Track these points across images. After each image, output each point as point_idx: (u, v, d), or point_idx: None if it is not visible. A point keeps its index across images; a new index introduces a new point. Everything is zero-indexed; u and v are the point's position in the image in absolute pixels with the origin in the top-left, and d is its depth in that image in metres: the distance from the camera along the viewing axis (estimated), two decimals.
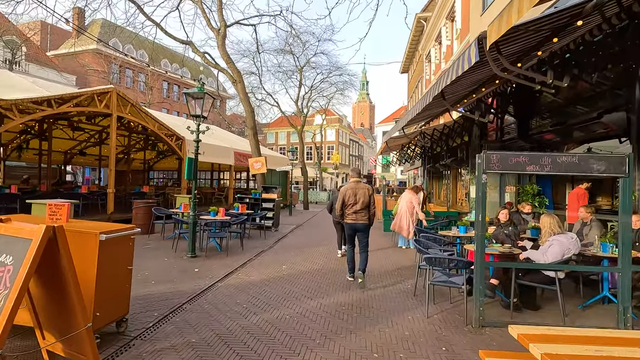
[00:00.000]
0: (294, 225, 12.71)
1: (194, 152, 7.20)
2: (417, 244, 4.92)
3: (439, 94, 5.32)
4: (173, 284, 5.10)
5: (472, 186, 11.13)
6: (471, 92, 7.39)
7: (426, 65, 19.96)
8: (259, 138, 48.41)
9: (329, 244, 9.04)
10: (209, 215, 7.85)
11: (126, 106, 10.79)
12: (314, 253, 7.86)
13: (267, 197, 11.25)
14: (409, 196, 8.53)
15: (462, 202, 13.89)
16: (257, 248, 8.15)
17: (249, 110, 11.82)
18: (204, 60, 12.26)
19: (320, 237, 10.35)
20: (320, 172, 32.65)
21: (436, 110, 8.93)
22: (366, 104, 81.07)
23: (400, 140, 12.28)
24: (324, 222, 14.50)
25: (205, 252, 7.25)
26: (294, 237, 10.30)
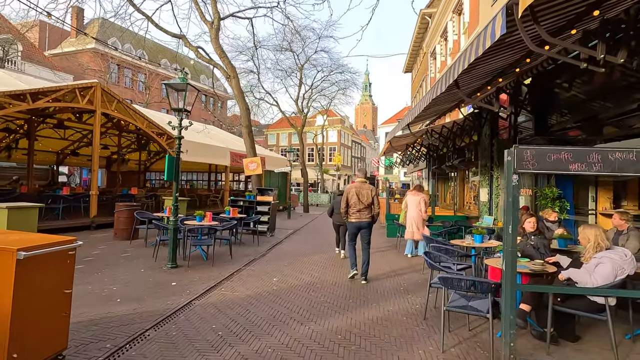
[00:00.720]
0: (291, 230, 11.97)
1: (178, 150, 6.49)
2: (427, 257, 4.16)
3: (452, 83, 4.57)
4: (141, 302, 4.37)
5: (482, 189, 10.37)
6: (486, 83, 6.64)
7: (431, 62, 19.21)
8: (259, 139, 47.68)
9: (327, 251, 8.29)
10: (195, 221, 7.12)
11: (112, 102, 10.12)
12: (310, 262, 7.11)
13: (263, 199, 10.52)
14: (416, 198, 7.75)
15: (469, 206, 13.10)
16: (248, 256, 7.41)
17: (244, 107, 11.12)
18: (197, 55, 11.58)
19: (319, 243, 9.59)
20: (322, 173, 31.90)
21: (445, 105, 8.18)
22: (369, 105, 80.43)
23: (405, 139, 11.52)
24: (324, 226, 13.74)
25: (189, 261, 6.51)
26: (290, 243, 9.55)
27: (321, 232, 12.04)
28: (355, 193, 5.54)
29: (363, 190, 5.55)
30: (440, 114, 9.59)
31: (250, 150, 11.18)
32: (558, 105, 7.10)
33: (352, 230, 5.76)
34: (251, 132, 11.25)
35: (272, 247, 8.65)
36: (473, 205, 12.86)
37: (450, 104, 8.09)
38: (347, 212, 5.62)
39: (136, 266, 6.10)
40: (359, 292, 5.17)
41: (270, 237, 10.18)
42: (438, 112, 9.13)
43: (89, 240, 8.21)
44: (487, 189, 10.21)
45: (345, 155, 47.57)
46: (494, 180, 9.24)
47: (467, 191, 13.74)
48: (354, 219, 5.60)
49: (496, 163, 9.20)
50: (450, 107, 8.44)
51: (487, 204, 10.15)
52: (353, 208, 5.57)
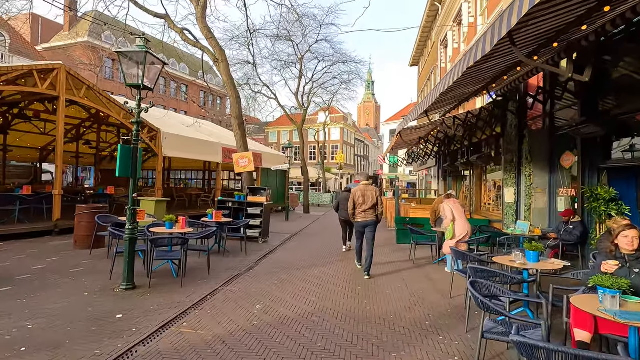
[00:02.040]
0: (288, 235, 10.60)
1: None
2: (474, 287, 2.78)
3: (506, 36, 3.19)
4: (55, 353, 3.02)
5: (508, 188, 8.95)
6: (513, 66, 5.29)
7: (441, 52, 17.78)
8: (259, 137, 46.59)
9: (329, 262, 6.91)
10: (164, 228, 5.77)
11: (80, 88, 8.78)
12: (307, 279, 5.73)
13: (254, 200, 9.16)
14: (462, 209, 6.41)
15: (489, 207, 11.69)
16: (231, 271, 6.05)
17: (234, 95, 9.77)
18: (182, 37, 10.23)
19: (319, 251, 8.21)
20: (324, 172, 30.52)
21: (470, 88, 6.77)
22: (372, 104, 79.08)
23: (417, 132, 10.12)
24: (325, 229, 12.36)
25: (151, 279, 5.14)
26: (285, 251, 8.18)
27: (322, 236, 10.65)
28: (361, 195, 6.01)
29: (367, 192, 6.02)
30: (461, 101, 8.17)
31: (241, 144, 9.82)
32: (616, 85, 5.69)
33: (358, 228, 6.22)
34: (242, 124, 9.90)
35: (262, 257, 7.29)
36: (493, 206, 11.46)
37: (477, 85, 6.68)
38: (354, 212, 6.08)
39: (82, 287, 4.75)
40: (370, 327, 3.80)
41: (263, 244, 8.82)
42: (459, 97, 7.72)
43: (42, 250, 6.88)
44: (513, 188, 8.80)
45: (348, 154, 46.16)
46: (525, 178, 7.83)
47: (484, 191, 12.33)
48: (360, 219, 6.04)
49: (527, 158, 7.79)
50: (476, 89, 7.03)
51: (513, 206, 8.74)
52: (359, 209, 6.03)
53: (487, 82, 6.55)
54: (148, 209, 8.37)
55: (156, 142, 10.92)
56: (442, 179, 18.03)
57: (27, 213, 8.53)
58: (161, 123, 11.89)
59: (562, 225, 6.49)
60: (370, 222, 5.97)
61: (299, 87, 19.30)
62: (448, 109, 8.54)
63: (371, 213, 5.97)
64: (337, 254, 7.90)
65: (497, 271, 3.41)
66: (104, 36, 33.11)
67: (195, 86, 41.33)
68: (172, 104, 38.69)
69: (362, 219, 5.99)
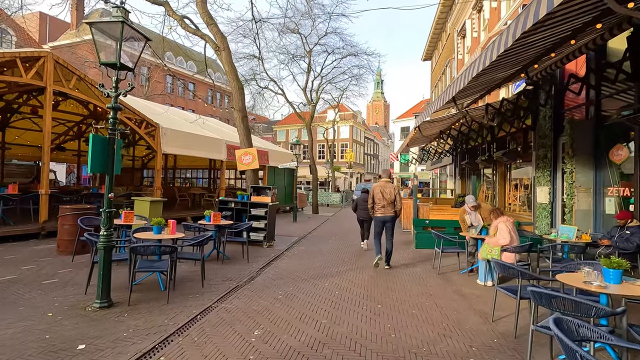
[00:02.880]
0: (296, 238, 9.77)
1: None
2: (559, 328, 1.90)
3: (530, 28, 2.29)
4: None
5: (541, 187, 7.99)
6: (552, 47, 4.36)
7: (458, 42, 16.75)
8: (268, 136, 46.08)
9: (342, 271, 6.05)
10: (152, 233, 4.99)
11: (69, 79, 8.10)
12: (316, 294, 4.89)
13: (258, 200, 8.36)
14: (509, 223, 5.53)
15: (514, 208, 10.69)
16: (229, 282, 5.25)
17: (237, 86, 8.98)
18: (182, 25, 9.48)
19: (331, 257, 7.36)
20: (333, 171, 29.65)
21: (503, 71, 5.84)
22: (380, 103, 78.01)
23: (439, 125, 9.18)
24: (336, 231, 11.51)
25: (132, 294, 4.37)
26: (291, 258, 7.36)
27: (333, 240, 9.80)
28: (380, 191, 6.28)
29: (387, 189, 6.29)
30: (491, 88, 7.22)
31: (245, 140, 9.03)
32: None
33: (377, 224, 6.42)
34: (246, 117, 9.11)
35: (266, 265, 6.47)
36: (520, 207, 10.46)
37: (513, 67, 5.74)
38: (373, 207, 6.37)
39: (48, 305, 3.99)
40: None
41: (267, 249, 8.02)
42: (489, 83, 6.78)
43: (22, 256, 6.18)
44: (547, 187, 7.82)
45: (357, 152, 45.19)
46: (566, 175, 6.85)
47: (508, 190, 11.32)
48: (379, 214, 6.32)
49: (568, 153, 6.81)
50: (511, 73, 6.08)
51: (548, 207, 7.77)
52: (378, 204, 6.30)
53: (526, 63, 5.62)
54: (142, 210, 7.65)
55: (155, 138, 10.22)
56: (458, 177, 17.01)
57: (13, 214, 7.88)
58: (162, 119, 11.20)
59: (616, 231, 5.52)
60: (389, 217, 6.30)
61: (307, 82, 18.49)
62: (473, 99, 7.60)
63: (390, 209, 6.28)
64: (350, 262, 7.05)
65: (576, 299, 2.51)
66: None
67: (203, 85, 40.86)
68: (180, 102, 38.29)
69: (382, 214, 6.30)
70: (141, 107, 11.52)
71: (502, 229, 5.22)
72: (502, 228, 5.21)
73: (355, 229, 12.08)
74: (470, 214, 6.17)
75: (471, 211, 6.15)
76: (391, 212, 6.27)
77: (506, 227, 5.23)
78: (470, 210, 6.18)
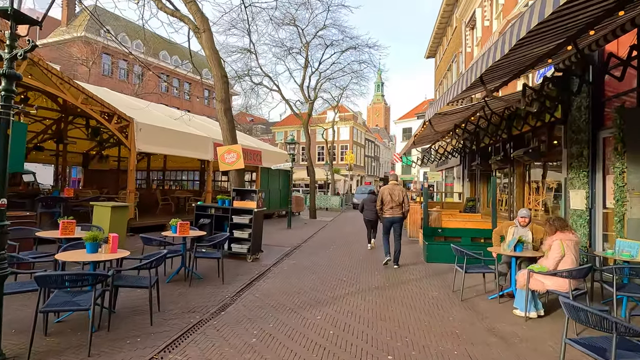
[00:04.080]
0: (288, 248, 8.52)
1: None
2: None
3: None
4: None
5: (575, 191, 6.77)
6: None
7: (467, 34, 15.56)
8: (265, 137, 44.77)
9: (341, 297, 4.77)
10: (84, 252, 3.73)
11: (19, 64, 6.85)
12: (304, 334, 3.63)
13: (242, 206, 7.11)
14: None
15: (536, 214, 9.41)
16: (190, 315, 4.00)
17: (220, 74, 7.77)
18: (159, 5, 8.28)
19: (327, 274, 6.09)
20: (332, 173, 28.41)
21: (540, 47, 4.60)
22: (381, 105, 77.10)
23: (452, 118, 7.93)
24: (335, 239, 10.23)
25: (47, 333, 3.11)
26: (279, 276, 6.09)
27: (331, 251, 8.53)
28: (388, 193, 6.62)
29: (395, 191, 6.64)
30: (518, 72, 5.97)
31: (228, 135, 7.80)
32: None
33: (386, 224, 6.70)
34: (229, 110, 7.88)
35: (245, 287, 5.21)
36: (542, 213, 9.20)
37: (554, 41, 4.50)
38: (382, 209, 6.69)
39: None
40: None
41: (252, 263, 6.76)
42: (517, 67, 5.53)
43: None
44: (584, 190, 6.57)
45: (357, 154, 43.97)
46: (615, 177, 5.59)
47: (528, 194, 10.05)
48: (388, 215, 6.64)
49: (617, 149, 5.54)
50: (550, 49, 4.83)
51: (585, 214, 6.52)
52: (387, 206, 6.62)
53: (574, 33, 4.38)
54: (101, 218, 6.40)
55: (128, 134, 8.99)
56: (467, 179, 15.75)
57: None
58: (140, 114, 9.99)
59: None
60: (397, 218, 6.60)
61: (304, 77, 17.29)
62: (501, 82, 6.37)
63: (398, 210, 6.58)
64: (350, 280, 5.79)
65: None
66: (103, 31, 31.74)
67: (199, 84, 39.68)
68: (175, 102, 37.10)
69: (390, 215, 6.59)
70: (115, 100, 10.32)
71: (554, 248, 3.98)
72: (555, 246, 3.98)
73: (356, 236, 10.84)
74: (517, 228, 4.90)
75: (521, 226, 4.86)
76: (399, 213, 6.60)
77: (569, 247, 3.99)
78: (521, 224, 4.88)
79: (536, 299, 4.15)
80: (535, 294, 4.12)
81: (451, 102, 6.51)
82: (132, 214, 9.01)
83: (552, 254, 4.02)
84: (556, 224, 4.32)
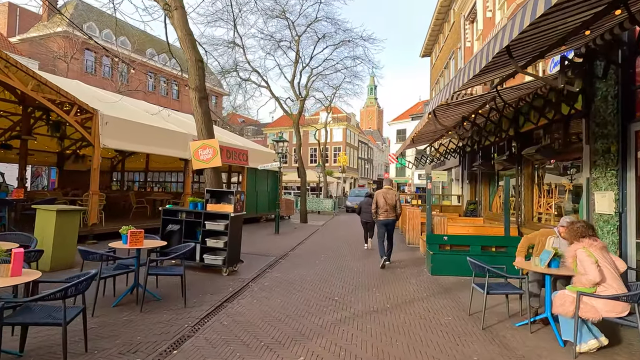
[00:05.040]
0: (272, 258, 7.49)
1: None
2: None
3: None
4: None
5: (601, 193, 5.91)
6: None
7: (466, 27, 14.77)
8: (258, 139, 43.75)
9: (330, 326, 3.74)
10: None
11: None
12: None
13: (216, 210, 6.07)
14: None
15: (547, 218, 8.53)
16: (128, 356, 2.96)
17: (194, 58, 6.74)
18: None
19: (315, 291, 5.07)
20: (325, 175, 27.45)
21: (574, 14, 3.68)
22: (374, 108, 76.71)
23: (462, 109, 6.99)
24: (327, 246, 9.21)
25: None
26: (256, 295, 5.05)
27: (322, 259, 7.51)
28: (382, 197, 6.98)
29: (389, 195, 7.00)
30: (551, 45, 5.04)
31: (203, 129, 6.77)
32: None
33: (380, 226, 7.04)
34: (205, 100, 6.86)
35: (212, 312, 4.17)
36: (555, 218, 8.32)
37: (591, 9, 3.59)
38: (377, 212, 7.04)
39: None
40: None
41: (228, 277, 5.72)
42: (551, 38, 4.59)
43: None
44: (613, 192, 5.67)
45: (351, 156, 43.09)
46: None
47: (537, 196, 9.18)
48: (382, 218, 6.98)
49: None
50: (600, 10, 3.91)
51: (613, 220, 5.61)
52: (381, 209, 6.97)
53: None
54: (45, 224, 5.31)
55: (92, 128, 7.91)
56: (467, 181, 14.88)
57: None
58: (109, 107, 8.91)
59: None
60: (390, 220, 6.95)
61: (295, 73, 16.31)
62: (532, 57, 5.44)
63: (392, 213, 6.93)
64: (344, 300, 4.79)
65: None
66: (86, 27, 30.45)
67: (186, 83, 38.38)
68: (162, 102, 35.79)
69: (384, 217, 6.93)
70: (78, 90, 9.21)
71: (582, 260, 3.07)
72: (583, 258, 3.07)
73: (349, 243, 9.87)
74: (557, 239, 3.95)
75: (562, 239, 3.91)
76: (392, 216, 6.97)
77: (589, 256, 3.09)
78: (562, 235, 3.93)
79: (589, 326, 3.20)
80: (588, 322, 3.18)
81: (465, 87, 5.59)
82: (94, 218, 7.90)
83: (587, 265, 3.11)
84: (582, 229, 3.43)
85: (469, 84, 5.45)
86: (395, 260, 7.53)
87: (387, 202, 6.88)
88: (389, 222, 6.92)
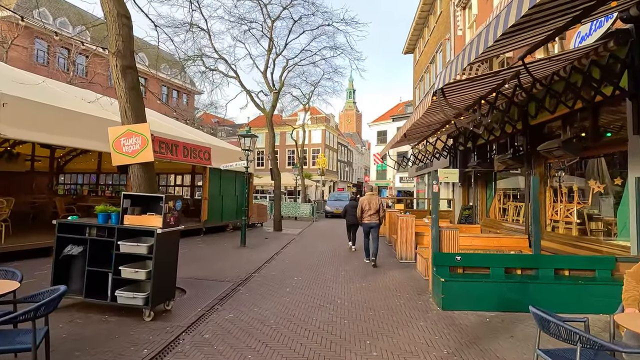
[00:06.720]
0: (229, 284, 5.60)
1: None
2: None
3: None
4: None
5: None
6: None
7: (457, 15, 13.44)
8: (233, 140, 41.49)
9: None
10: None
11: None
12: None
13: (137, 224, 4.16)
14: None
15: (567, 228, 7.07)
16: None
17: (116, 12, 4.74)
18: None
19: (280, 343, 3.26)
20: (303, 178, 25.65)
21: None
22: (352, 112, 76.06)
23: (474, 89, 5.38)
24: (305, 259, 7.35)
25: None
26: None
27: (294, 285, 5.67)
28: (367, 202, 7.73)
29: (372, 201, 7.73)
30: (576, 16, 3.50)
31: (128, 110, 4.83)
32: None
33: (365, 229, 7.83)
34: (132, 71, 4.92)
35: None
36: (576, 227, 6.88)
37: None
38: (362, 216, 7.78)
39: None
40: None
41: (150, 325, 3.81)
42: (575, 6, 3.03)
43: None
44: None
45: (330, 159, 41.48)
46: None
47: (551, 201, 7.74)
48: (366, 221, 7.73)
49: None
50: None
51: None
52: (366, 213, 7.71)
53: None
54: None
55: None
56: (460, 184, 13.48)
57: None
58: (25, 89, 6.80)
59: None
60: (374, 223, 7.70)
61: (267, 62, 14.47)
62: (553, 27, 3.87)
63: (375, 217, 7.68)
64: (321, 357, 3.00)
65: None
66: (37, 13, 27.38)
67: (155, 80, 35.68)
68: None
69: (368, 221, 7.71)
70: None
71: None
72: None
73: (330, 257, 8.10)
74: None
75: None
76: (376, 220, 7.68)
77: None
78: None
79: None
80: None
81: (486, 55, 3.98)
82: None
83: None
84: None
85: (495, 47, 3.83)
86: (389, 283, 5.85)
87: (371, 207, 7.66)
88: (372, 225, 7.70)
